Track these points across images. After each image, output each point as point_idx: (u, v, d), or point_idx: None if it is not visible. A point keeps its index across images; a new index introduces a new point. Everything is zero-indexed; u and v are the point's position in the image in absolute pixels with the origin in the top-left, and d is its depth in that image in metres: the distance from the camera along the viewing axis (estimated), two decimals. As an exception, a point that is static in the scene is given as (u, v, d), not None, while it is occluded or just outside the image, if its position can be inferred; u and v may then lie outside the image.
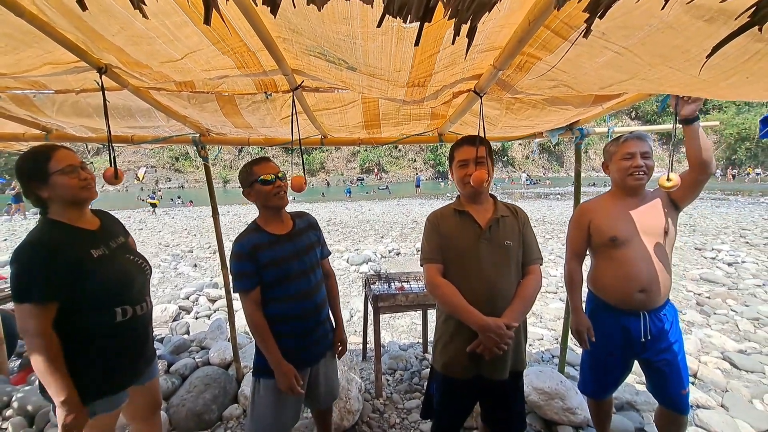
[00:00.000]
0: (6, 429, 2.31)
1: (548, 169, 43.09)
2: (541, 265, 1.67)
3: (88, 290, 1.37)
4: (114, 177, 1.55)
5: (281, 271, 1.68)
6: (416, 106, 1.84)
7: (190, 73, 1.42)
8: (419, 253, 7.54)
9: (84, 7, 0.73)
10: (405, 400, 2.76)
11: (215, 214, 2.68)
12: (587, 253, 1.95)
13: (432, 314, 3.41)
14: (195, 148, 2.45)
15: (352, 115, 1.99)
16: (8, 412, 2.42)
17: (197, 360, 3.00)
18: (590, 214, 1.87)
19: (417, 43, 0.74)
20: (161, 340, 3.55)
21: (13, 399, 2.45)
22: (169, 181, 36.10)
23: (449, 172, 1.75)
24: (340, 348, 1.96)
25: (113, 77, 1.44)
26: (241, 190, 1.75)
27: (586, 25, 0.75)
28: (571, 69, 1.18)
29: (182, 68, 1.36)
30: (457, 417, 1.72)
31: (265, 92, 1.66)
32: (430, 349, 3.40)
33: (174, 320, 4.18)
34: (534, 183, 33.03)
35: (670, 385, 1.77)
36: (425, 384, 2.92)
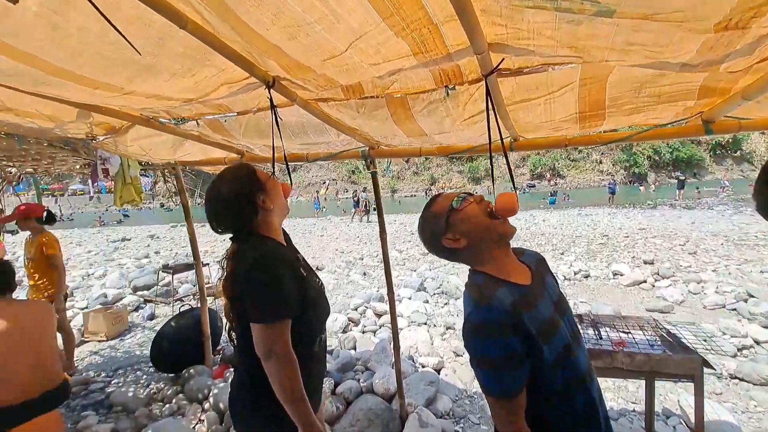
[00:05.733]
0: (203, 421, 2.55)
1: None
2: None
3: (308, 310, 1.24)
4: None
5: (559, 341, 0.96)
6: (684, 78, 1.13)
7: (357, 71, 1.14)
8: (615, 277, 5.99)
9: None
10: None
11: (382, 232, 2.46)
12: None
13: (659, 384, 2.40)
14: (364, 161, 2.28)
15: (561, 105, 1.40)
16: (206, 405, 2.70)
17: (362, 384, 2.87)
18: None
19: None
20: (330, 352, 3.60)
21: (210, 394, 2.72)
22: (346, 192, 41.10)
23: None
24: None
25: (281, 90, 1.30)
26: (436, 240, 1.05)
27: None
28: None
29: (347, 65, 1.10)
30: None
31: (446, 86, 1.26)
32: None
33: (343, 332, 4.27)
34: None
35: None
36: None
